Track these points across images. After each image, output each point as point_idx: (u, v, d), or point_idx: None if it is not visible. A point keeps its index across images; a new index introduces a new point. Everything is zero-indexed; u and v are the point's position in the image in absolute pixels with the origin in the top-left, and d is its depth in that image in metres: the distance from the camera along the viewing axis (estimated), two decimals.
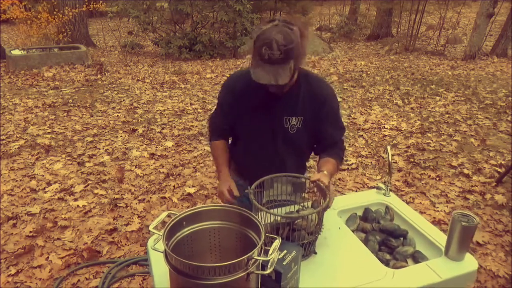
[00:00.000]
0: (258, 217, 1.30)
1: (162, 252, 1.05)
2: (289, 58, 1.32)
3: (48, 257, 2.57)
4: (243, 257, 0.97)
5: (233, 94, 1.59)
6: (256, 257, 1.00)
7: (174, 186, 3.47)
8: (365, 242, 1.43)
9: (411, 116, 5.24)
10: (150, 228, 1.14)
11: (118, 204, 3.18)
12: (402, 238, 1.47)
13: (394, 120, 5.06)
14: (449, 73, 7.58)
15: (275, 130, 1.55)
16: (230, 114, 1.61)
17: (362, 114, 5.27)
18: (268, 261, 1.02)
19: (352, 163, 3.91)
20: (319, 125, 1.55)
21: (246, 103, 1.55)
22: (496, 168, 3.80)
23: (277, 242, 1.04)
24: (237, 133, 1.67)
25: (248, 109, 1.56)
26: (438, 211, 3.12)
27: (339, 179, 3.64)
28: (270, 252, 1.02)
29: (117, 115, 5.16)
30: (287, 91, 1.50)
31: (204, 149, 4.16)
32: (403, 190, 3.45)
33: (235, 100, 1.58)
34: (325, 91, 1.56)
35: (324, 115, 1.54)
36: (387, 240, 1.44)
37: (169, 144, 4.30)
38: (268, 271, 1.00)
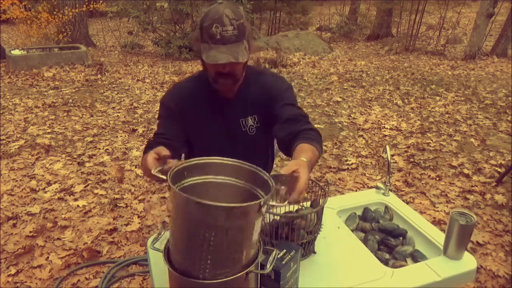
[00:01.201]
0: None
1: (161, 252, 1.05)
2: (242, 34, 1.21)
3: (48, 257, 2.57)
4: (259, 201, 0.88)
5: (179, 105, 1.42)
6: (271, 203, 0.94)
7: None
8: (364, 241, 1.43)
9: (411, 116, 5.24)
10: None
11: (118, 204, 3.18)
12: (401, 238, 1.47)
13: (394, 120, 5.07)
14: (449, 73, 7.58)
15: (234, 135, 1.44)
16: (177, 127, 1.41)
17: (362, 114, 5.27)
18: (267, 260, 1.02)
19: (352, 163, 3.91)
20: (272, 111, 1.40)
21: (196, 113, 1.42)
22: (496, 168, 3.80)
23: (274, 254, 1.04)
24: (192, 149, 1.48)
25: (200, 118, 1.43)
26: (438, 211, 3.12)
27: (339, 179, 3.64)
28: (270, 259, 1.02)
29: (117, 115, 5.17)
30: (237, 93, 1.43)
31: None
32: (403, 190, 3.45)
33: (181, 112, 1.41)
34: (276, 84, 1.46)
35: (276, 100, 1.41)
36: (386, 240, 1.44)
37: None
38: (267, 270, 1.01)
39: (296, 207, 1.48)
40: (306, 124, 1.35)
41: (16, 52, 7.71)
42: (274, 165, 1.83)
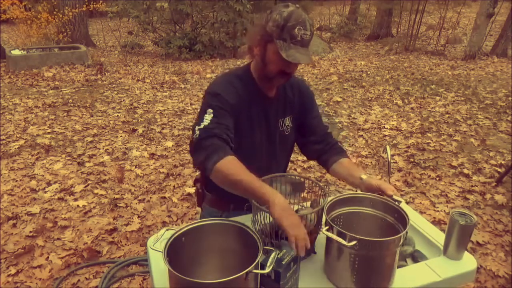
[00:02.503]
0: (258, 216, 1.30)
1: (162, 252, 1.05)
2: (311, 41, 1.31)
3: (48, 257, 2.57)
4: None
5: (235, 101, 1.35)
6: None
7: (174, 186, 3.48)
8: None
9: (411, 116, 5.24)
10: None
11: (118, 204, 3.18)
12: None
13: (394, 120, 5.07)
14: (449, 73, 7.58)
15: (274, 134, 1.49)
16: (232, 122, 1.33)
17: (362, 114, 5.27)
18: (267, 260, 1.02)
19: None
20: (306, 119, 1.54)
21: (245, 110, 1.40)
22: (496, 168, 3.80)
23: (274, 254, 1.05)
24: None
25: (247, 117, 1.41)
26: (438, 211, 3.12)
27: (339, 179, 3.64)
28: (268, 264, 1.02)
29: (117, 115, 5.17)
30: (276, 93, 1.48)
31: None
32: (403, 190, 3.45)
33: (236, 108, 1.35)
34: (303, 83, 1.58)
35: (310, 107, 1.55)
36: None
37: (169, 144, 4.31)
38: (267, 271, 1.01)
39: (296, 207, 1.48)
40: (332, 138, 1.59)
41: (16, 52, 7.71)
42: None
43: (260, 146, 1.49)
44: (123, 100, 5.80)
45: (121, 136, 4.52)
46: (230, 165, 1.21)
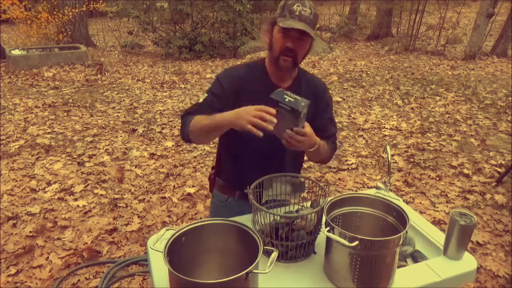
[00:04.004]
0: (258, 216, 1.30)
1: (162, 252, 1.05)
2: (314, 23, 1.36)
3: (48, 257, 2.57)
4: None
5: (236, 82, 1.46)
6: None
7: (174, 186, 3.48)
8: None
9: (411, 116, 5.24)
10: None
11: (118, 204, 3.18)
12: None
13: (394, 120, 5.07)
14: (449, 73, 7.58)
15: None
16: (226, 105, 1.39)
17: (362, 114, 5.27)
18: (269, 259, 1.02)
19: (352, 163, 3.91)
20: (316, 120, 1.54)
21: (250, 95, 1.42)
22: (496, 168, 3.80)
23: (274, 254, 1.06)
24: (235, 136, 1.44)
25: (253, 103, 1.41)
26: (438, 211, 3.12)
27: (339, 179, 3.64)
28: (268, 264, 1.02)
29: (117, 115, 5.17)
30: (290, 85, 1.50)
31: (204, 149, 4.16)
32: (403, 190, 3.45)
33: (236, 94, 1.44)
34: (321, 85, 1.60)
35: (322, 109, 1.56)
36: None
37: (169, 144, 4.31)
38: (267, 271, 1.01)
39: (296, 207, 1.48)
40: (334, 138, 1.61)
41: (16, 52, 7.71)
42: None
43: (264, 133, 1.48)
44: (123, 100, 5.80)
45: (121, 136, 4.52)
46: (197, 120, 1.38)
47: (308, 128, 1.27)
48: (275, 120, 1.15)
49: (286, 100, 1.18)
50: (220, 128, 1.32)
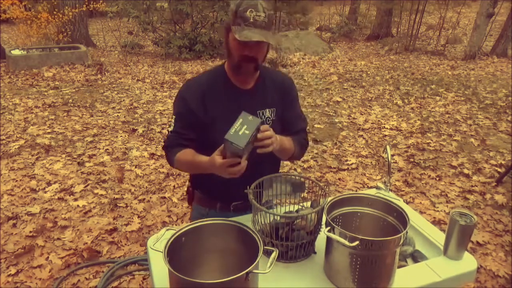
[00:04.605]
0: (258, 216, 1.30)
1: (162, 252, 1.05)
2: (270, 24, 1.32)
3: (48, 257, 2.57)
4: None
5: (199, 90, 1.46)
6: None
7: (174, 186, 3.48)
8: None
9: (411, 116, 5.24)
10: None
11: (118, 204, 3.18)
12: None
13: (394, 120, 5.07)
14: (449, 73, 7.58)
15: None
16: (197, 122, 1.44)
17: (362, 114, 5.27)
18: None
19: (352, 163, 3.91)
20: (284, 114, 1.54)
21: (215, 104, 1.45)
22: (496, 168, 3.80)
23: (274, 254, 1.06)
24: (209, 144, 1.38)
25: (218, 109, 1.45)
26: (438, 211, 3.12)
27: (339, 179, 3.64)
28: (268, 264, 1.02)
29: (117, 115, 5.17)
30: (254, 85, 1.49)
31: None
32: (403, 190, 3.45)
33: (202, 103, 1.44)
34: (287, 80, 1.59)
35: (289, 103, 1.55)
36: None
37: None
38: (267, 271, 1.01)
39: (296, 207, 1.48)
40: (303, 134, 1.59)
41: (16, 52, 7.71)
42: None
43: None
44: (123, 100, 5.80)
45: (121, 136, 4.52)
46: (182, 155, 1.44)
47: (269, 132, 1.26)
48: (243, 164, 1.22)
49: (232, 138, 1.16)
50: (200, 170, 1.39)
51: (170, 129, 1.49)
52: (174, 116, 1.49)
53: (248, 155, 1.25)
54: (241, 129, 1.16)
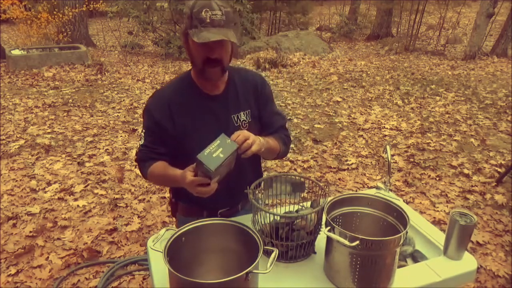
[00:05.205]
0: (258, 216, 1.30)
1: (162, 252, 1.05)
2: (230, 21, 1.26)
3: (48, 257, 2.57)
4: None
5: (166, 102, 1.40)
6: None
7: None
8: None
9: (411, 116, 5.24)
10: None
11: (118, 204, 3.18)
12: None
13: (394, 120, 5.07)
14: (449, 73, 7.58)
15: (225, 131, 1.30)
16: (166, 134, 1.40)
17: (362, 114, 5.27)
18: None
19: (352, 163, 3.91)
20: (260, 114, 1.50)
21: (184, 114, 1.40)
22: (496, 168, 3.80)
23: (274, 254, 1.06)
24: (183, 156, 1.35)
25: (189, 119, 1.40)
26: (438, 211, 3.12)
27: (339, 179, 3.64)
28: (268, 264, 1.03)
29: (117, 115, 5.17)
30: (224, 89, 1.44)
31: None
32: (403, 190, 3.45)
33: (169, 115, 1.39)
34: (259, 78, 1.53)
35: (264, 102, 1.51)
36: None
37: None
38: (267, 271, 1.01)
39: (296, 207, 1.48)
40: (284, 130, 1.56)
41: (16, 52, 7.71)
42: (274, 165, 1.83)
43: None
44: (123, 100, 5.80)
45: (121, 136, 4.52)
46: (155, 168, 1.43)
47: (246, 132, 1.24)
48: (213, 186, 1.19)
49: (204, 159, 1.12)
50: (173, 183, 1.40)
51: (141, 142, 1.47)
52: (143, 130, 1.46)
53: (220, 178, 1.21)
54: (216, 151, 1.13)
